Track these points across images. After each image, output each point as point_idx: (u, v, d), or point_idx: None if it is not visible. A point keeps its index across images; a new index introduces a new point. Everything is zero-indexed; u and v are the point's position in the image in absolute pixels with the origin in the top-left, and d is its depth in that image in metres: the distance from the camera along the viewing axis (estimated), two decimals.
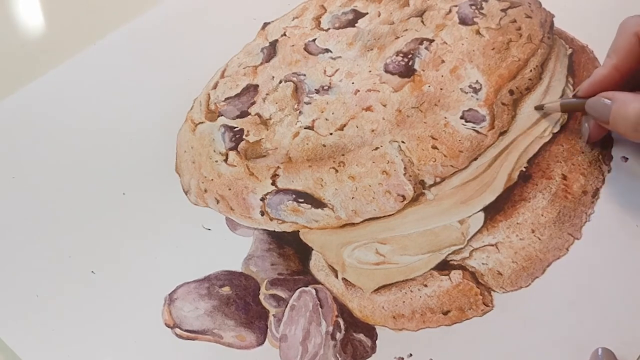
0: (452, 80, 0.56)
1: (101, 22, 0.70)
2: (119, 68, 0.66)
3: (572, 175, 0.52)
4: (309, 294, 0.49)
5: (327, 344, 0.47)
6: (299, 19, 0.64)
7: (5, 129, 0.62)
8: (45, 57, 0.68)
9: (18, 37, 0.72)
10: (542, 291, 0.48)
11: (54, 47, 0.69)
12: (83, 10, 0.73)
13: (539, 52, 0.57)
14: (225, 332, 0.49)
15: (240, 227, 0.54)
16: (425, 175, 0.52)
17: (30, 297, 0.52)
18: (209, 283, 0.51)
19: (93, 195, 0.57)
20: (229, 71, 0.62)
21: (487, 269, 0.49)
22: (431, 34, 0.59)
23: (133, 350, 0.49)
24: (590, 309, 0.47)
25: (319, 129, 0.55)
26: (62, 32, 0.71)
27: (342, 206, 0.52)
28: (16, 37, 0.72)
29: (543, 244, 0.50)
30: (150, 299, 0.51)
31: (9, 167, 0.59)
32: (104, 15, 0.72)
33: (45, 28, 0.73)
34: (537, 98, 0.56)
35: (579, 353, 0.45)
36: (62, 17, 0.73)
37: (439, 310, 0.48)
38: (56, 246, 0.54)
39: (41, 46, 0.70)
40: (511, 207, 0.52)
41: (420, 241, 0.51)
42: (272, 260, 0.52)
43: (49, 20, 0.73)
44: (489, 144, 0.53)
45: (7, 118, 0.63)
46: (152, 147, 0.59)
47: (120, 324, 0.50)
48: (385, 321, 0.48)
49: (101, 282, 0.52)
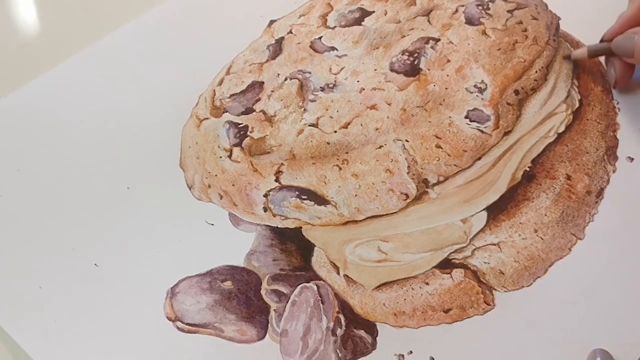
0: (458, 79, 0.56)
1: (107, 18, 0.71)
2: (124, 64, 0.66)
3: (577, 175, 0.52)
4: (311, 290, 0.50)
5: (328, 339, 0.47)
6: (306, 16, 0.64)
7: (11, 124, 0.63)
8: (49, 54, 0.68)
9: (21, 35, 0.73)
10: (543, 291, 0.48)
11: (58, 44, 0.69)
12: (88, 7, 0.73)
13: (545, 54, 0.57)
14: (227, 326, 0.49)
15: (243, 222, 0.54)
16: (428, 174, 0.52)
17: (34, 289, 0.52)
18: (211, 277, 0.51)
19: (97, 189, 0.57)
20: (235, 68, 0.62)
21: (489, 268, 0.49)
22: (437, 33, 0.59)
23: (134, 343, 0.49)
24: (592, 309, 0.47)
25: (324, 127, 0.55)
26: (67, 30, 0.71)
27: (345, 203, 0.52)
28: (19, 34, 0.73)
29: (546, 244, 0.50)
30: (153, 292, 0.51)
31: (14, 161, 0.60)
32: (109, 12, 0.72)
33: (50, 25, 0.73)
34: (543, 98, 0.55)
35: (580, 353, 0.45)
36: (66, 14, 0.73)
37: (440, 308, 0.48)
38: (60, 239, 0.55)
39: (44, 43, 0.71)
40: (514, 206, 0.51)
41: (423, 239, 0.51)
42: (274, 255, 0.52)
43: (53, 17, 0.74)
44: (493, 144, 0.53)
45: (12, 113, 0.63)
46: (157, 142, 0.60)
47: (122, 317, 0.50)
48: (386, 318, 0.48)
49: (104, 274, 0.52)
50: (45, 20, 0.74)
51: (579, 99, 0.56)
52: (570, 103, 0.56)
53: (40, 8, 0.75)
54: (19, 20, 0.75)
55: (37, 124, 0.62)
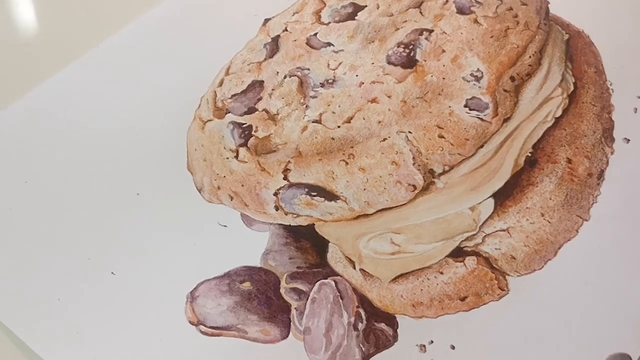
0: (454, 69, 0.57)
1: (104, 23, 0.70)
2: (125, 68, 0.66)
3: (577, 158, 0.54)
4: (329, 286, 0.50)
5: (350, 334, 0.48)
6: (299, 13, 0.65)
7: (15, 134, 0.62)
8: (49, 54, 0.67)
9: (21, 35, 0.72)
10: (555, 273, 0.49)
11: (57, 49, 0.69)
12: (85, 11, 0.73)
13: (537, 38, 0.58)
14: (250, 327, 0.49)
15: (256, 222, 0.54)
16: (434, 164, 0.53)
17: (52, 301, 0.52)
18: (229, 279, 0.51)
19: (108, 197, 0.57)
20: (234, 68, 0.62)
21: (501, 254, 0.50)
22: (430, 24, 0.60)
23: (159, 349, 0.49)
24: (603, 288, 0.48)
25: (327, 122, 0.56)
26: (64, 34, 0.71)
27: (355, 198, 0.53)
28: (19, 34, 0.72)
29: (553, 227, 0.51)
30: (172, 297, 0.51)
31: (22, 172, 0.59)
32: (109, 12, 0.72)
33: (48, 29, 0.73)
34: (538, 83, 0.56)
35: (594, 332, 0.47)
36: (64, 18, 0.73)
37: (456, 296, 0.49)
38: (74, 249, 0.54)
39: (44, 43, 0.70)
40: (520, 192, 0.53)
41: (434, 229, 0.52)
42: (290, 254, 0.52)
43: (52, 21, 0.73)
44: (493, 131, 0.54)
45: (14, 124, 0.63)
46: (163, 146, 0.59)
47: (144, 324, 0.50)
48: (405, 309, 0.50)
49: (122, 283, 0.53)
50: (45, 20, 0.73)
51: (573, 82, 0.57)
52: (565, 86, 0.57)
53: (40, 8, 0.74)
54: (19, 20, 0.74)
55: (40, 134, 0.62)
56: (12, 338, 0.51)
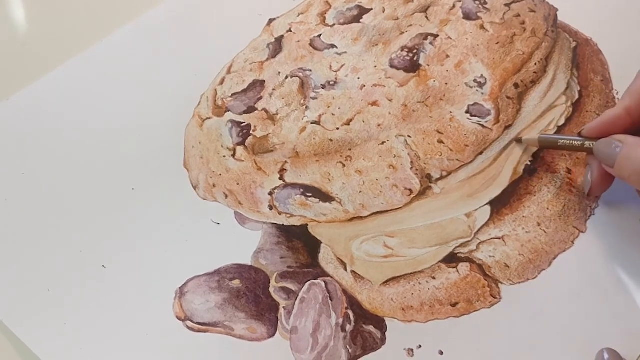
0: (457, 74, 0.57)
1: (107, 19, 0.71)
2: (126, 65, 0.66)
3: (577, 169, 0.53)
4: (319, 287, 0.50)
5: (337, 335, 0.48)
6: (304, 14, 0.65)
7: (14, 126, 0.63)
8: (51, 55, 0.68)
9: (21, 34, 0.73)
10: (548, 283, 0.49)
11: (59, 45, 0.69)
12: (88, 7, 0.73)
13: (543, 45, 0.58)
14: (236, 324, 0.49)
15: (249, 221, 0.54)
16: (431, 169, 0.53)
17: (42, 292, 0.52)
18: (219, 276, 0.51)
19: (102, 191, 0.57)
20: (236, 67, 0.62)
21: (495, 262, 0.50)
22: (435, 29, 0.60)
23: (145, 343, 0.49)
24: (597, 300, 0.47)
25: (326, 124, 0.56)
26: (68, 30, 0.71)
27: (350, 200, 0.53)
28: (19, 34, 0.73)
29: (549, 237, 0.50)
30: (161, 292, 0.51)
31: (19, 164, 0.60)
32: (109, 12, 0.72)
33: (50, 25, 0.73)
34: (542, 91, 0.56)
35: (585, 344, 0.46)
36: (67, 14, 0.73)
37: (448, 302, 0.49)
38: (67, 241, 0.55)
39: (45, 44, 0.70)
40: (517, 200, 0.52)
41: (428, 234, 0.51)
42: (282, 253, 0.52)
43: (54, 18, 0.74)
44: (494, 138, 0.54)
45: (15, 115, 0.63)
46: (161, 142, 0.60)
47: (131, 318, 0.50)
48: (395, 313, 0.49)
49: (112, 276, 0.53)
50: (45, 20, 0.74)
51: (578, 90, 0.57)
52: (569, 95, 0.56)
53: (40, 8, 0.75)
54: (19, 20, 0.74)
55: (39, 127, 0.62)
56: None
